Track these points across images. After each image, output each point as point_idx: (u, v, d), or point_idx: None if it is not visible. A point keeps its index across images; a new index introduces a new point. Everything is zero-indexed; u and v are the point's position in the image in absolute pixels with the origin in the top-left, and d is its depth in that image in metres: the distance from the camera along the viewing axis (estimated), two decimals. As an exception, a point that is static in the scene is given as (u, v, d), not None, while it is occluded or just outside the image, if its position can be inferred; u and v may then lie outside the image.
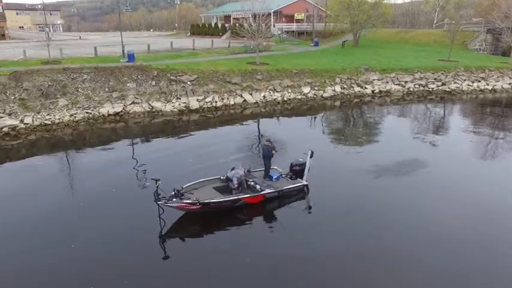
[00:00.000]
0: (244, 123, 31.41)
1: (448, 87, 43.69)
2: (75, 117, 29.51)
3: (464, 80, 45.23)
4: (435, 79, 44.46)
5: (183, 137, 27.77)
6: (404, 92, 42.21)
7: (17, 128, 27.39)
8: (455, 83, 44.51)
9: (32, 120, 28.08)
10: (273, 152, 18.62)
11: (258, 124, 31.07)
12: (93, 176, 20.39)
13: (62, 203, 17.52)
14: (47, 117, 28.76)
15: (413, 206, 17.35)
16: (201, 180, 17.66)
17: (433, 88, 43.35)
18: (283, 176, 18.97)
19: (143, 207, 16.21)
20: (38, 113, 28.81)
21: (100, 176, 20.28)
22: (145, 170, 20.85)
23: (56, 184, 19.51)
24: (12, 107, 28.49)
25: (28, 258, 13.66)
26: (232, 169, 17.57)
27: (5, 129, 26.93)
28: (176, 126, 30.49)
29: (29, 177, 20.46)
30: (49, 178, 20.27)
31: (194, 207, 15.68)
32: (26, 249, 14.14)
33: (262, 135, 27.67)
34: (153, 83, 34.12)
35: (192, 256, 13.92)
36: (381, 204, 17.53)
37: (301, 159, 19.09)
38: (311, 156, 18.50)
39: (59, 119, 28.95)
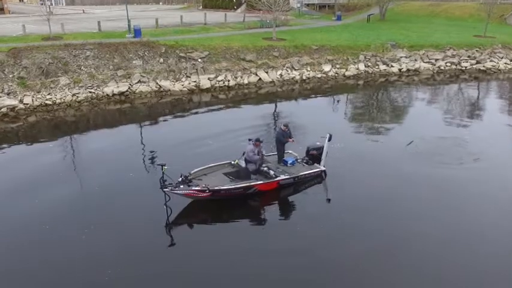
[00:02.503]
0: (259, 103, 31.20)
1: (483, 66, 42.70)
2: (77, 97, 29.52)
3: (502, 58, 44.17)
4: (469, 57, 43.52)
5: (193, 118, 27.73)
6: (435, 71, 41.45)
7: (16, 109, 27.51)
8: (491, 61, 43.48)
9: (32, 100, 28.18)
10: (289, 140, 18.38)
11: (275, 105, 30.85)
12: (97, 160, 20.41)
13: (62, 188, 17.56)
14: (48, 97, 28.83)
15: (444, 200, 16.73)
16: (210, 165, 17.53)
17: (466, 67, 42.46)
18: (298, 160, 18.77)
19: (149, 193, 16.17)
20: (38, 92, 28.87)
21: (104, 161, 20.30)
22: (152, 154, 20.87)
23: (57, 169, 19.57)
24: (11, 86, 28.59)
25: (40, 247, 13.84)
26: (244, 154, 17.43)
27: (4, 110, 27.06)
28: (186, 106, 30.39)
29: (30, 161, 20.56)
30: (50, 162, 20.35)
31: (203, 194, 15.56)
32: (38, 236, 14.39)
33: (278, 117, 27.54)
34: (161, 60, 33.96)
35: (200, 246, 13.85)
36: (407, 194, 17.17)
37: (318, 143, 18.85)
38: (329, 140, 18.24)
39: (60, 98, 28.99)
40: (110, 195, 17.08)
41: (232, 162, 17.89)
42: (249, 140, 17.41)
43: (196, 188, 15.51)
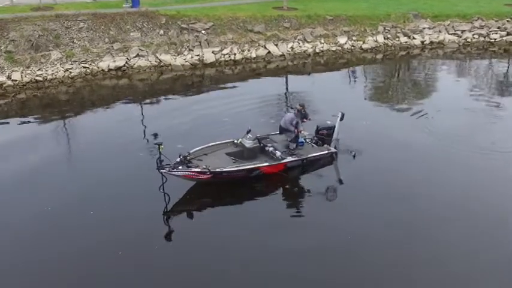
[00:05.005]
0: (268, 79, 30.94)
1: (515, 38, 41.94)
2: (70, 72, 29.29)
3: (536, 29, 43.27)
4: (499, 28, 42.36)
5: (196, 95, 27.53)
6: (461, 44, 40.40)
7: (4, 86, 27.40)
8: (523, 32, 42.66)
9: (21, 76, 28.01)
10: (305, 120, 18.14)
11: (286, 80, 30.54)
12: (92, 141, 20.52)
13: (54, 170, 17.85)
14: (38, 72, 28.62)
15: (474, 193, 16.21)
16: (211, 144, 17.47)
17: (495, 39, 41.29)
18: (307, 140, 18.59)
19: (148, 175, 15.91)
20: (28, 67, 28.68)
21: (100, 141, 20.39)
22: (152, 133, 20.94)
23: (50, 149, 19.75)
24: (-2, 61, 28.49)
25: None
26: (248, 132, 17.36)
27: (-9, 87, 27.01)
28: (188, 82, 30.27)
29: (20, 141, 20.58)
30: (41, 142, 20.50)
31: (203, 176, 15.51)
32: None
33: (289, 94, 27.34)
34: (161, 32, 33.54)
35: (200, 235, 13.90)
36: (430, 182, 16.85)
37: (329, 122, 18.70)
38: (341, 119, 18.08)
39: (51, 74, 28.79)
40: (104, 178, 17.12)
41: (235, 141, 17.73)
42: (291, 108, 17.75)
43: (196, 170, 15.43)
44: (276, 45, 35.47)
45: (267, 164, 16.64)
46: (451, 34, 41.03)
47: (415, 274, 12.37)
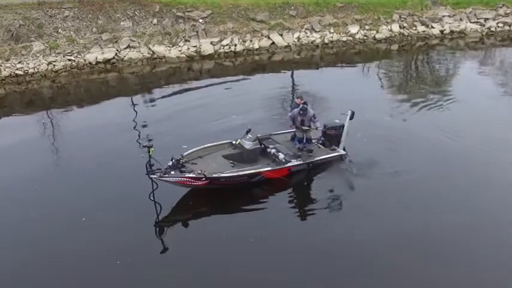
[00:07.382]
0: (272, 72, 30.70)
1: (543, 27, 41.42)
2: (54, 65, 29.16)
3: None
4: (526, 15, 42.25)
5: (193, 90, 27.19)
6: (484, 33, 40.03)
7: (-19, 80, 27.28)
8: (553, 20, 42.16)
9: (0, 69, 27.86)
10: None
11: (291, 74, 30.07)
12: (77, 142, 20.07)
13: (35, 175, 17.31)
14: (19, 66, 28.50)
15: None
16: (207, 145, 16.91)
17: (522, 28, 41.20)
18: (313, 141, 17.92)
19: (139, 182, 15.23)
20: (7, 60, 28.54)
21: (86, 142, 19.90)
22: (144, 133, 20.48)
23: (30, 151, 19.27)
24: (-26, 53, 28.27)
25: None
26: (248, 132, 16.85)
27: (-34, 81, 26.83)
28: (184, 76, 30.13)
29: (1, 143, 20.19)
30: (21, 142, 19.99)
31: (199, 182, 14.88)
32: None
33: (295, 89, 26.81)
34: (155, 21, 33.34)
35: (197, 247, 13.34)
36: (454, 188, 15.97)
37: (337, 121, 18.09)
38: (351, 118, 17.43)
39: (33, 68, 28.69)
40: (95, 182, 16.73)
41: (234, 142, 17.16)
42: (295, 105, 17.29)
43: (191, 175, 14.81)
44: (281, 35, 35.21)
45: (269, 168, 16.07)
46: (473, 23, 40.65)
47: None
